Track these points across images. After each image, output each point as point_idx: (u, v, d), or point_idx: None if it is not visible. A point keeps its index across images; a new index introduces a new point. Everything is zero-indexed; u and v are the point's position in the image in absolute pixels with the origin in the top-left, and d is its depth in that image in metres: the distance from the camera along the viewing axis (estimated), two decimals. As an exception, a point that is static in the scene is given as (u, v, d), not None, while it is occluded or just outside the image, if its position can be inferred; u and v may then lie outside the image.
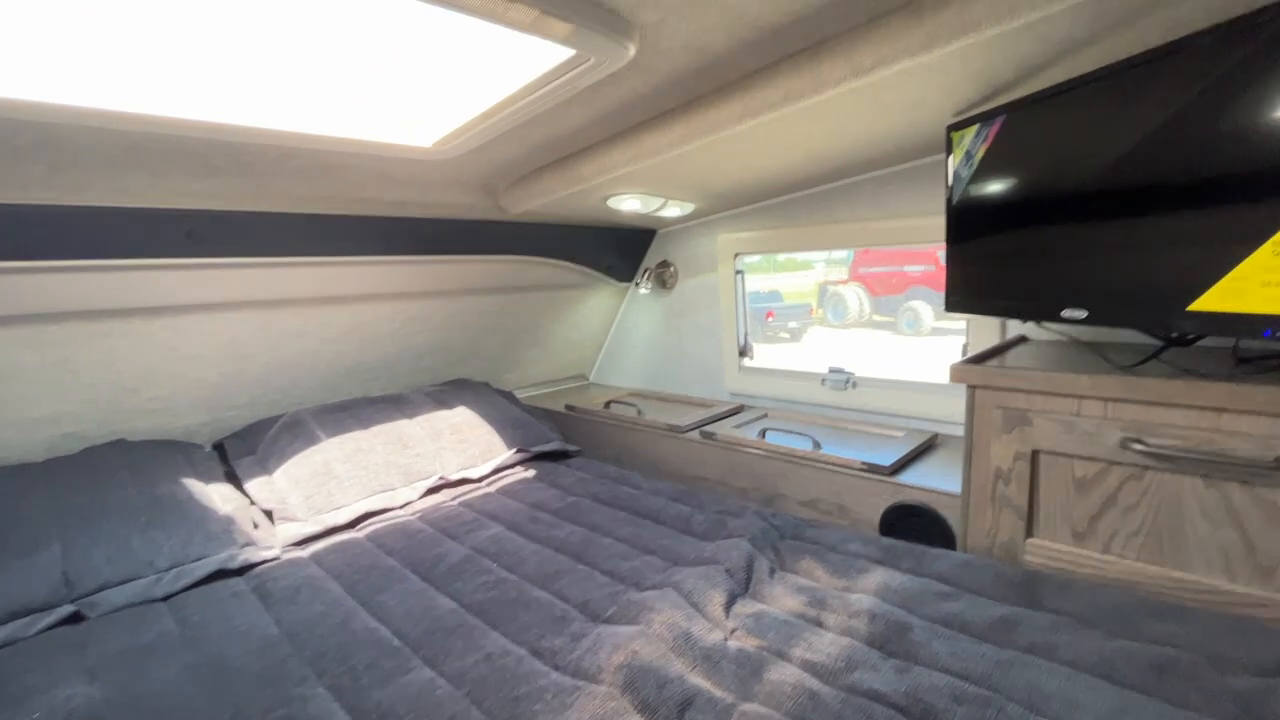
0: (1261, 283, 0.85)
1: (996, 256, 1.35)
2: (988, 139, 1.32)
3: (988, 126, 1.32)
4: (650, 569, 1.27)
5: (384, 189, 1.68)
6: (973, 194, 1.38)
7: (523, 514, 1.61)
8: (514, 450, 2.00)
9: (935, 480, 1.52)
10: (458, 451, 1.89)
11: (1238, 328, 0.90)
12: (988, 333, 1.73)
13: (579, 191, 1.79)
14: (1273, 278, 0.83)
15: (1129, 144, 1.04)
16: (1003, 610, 1.03)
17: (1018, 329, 1.68)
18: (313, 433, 1.76)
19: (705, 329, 2.56)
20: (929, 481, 1.51)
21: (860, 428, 1.98)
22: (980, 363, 1.31)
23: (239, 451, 1.79)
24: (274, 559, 1.41)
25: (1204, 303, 0.93)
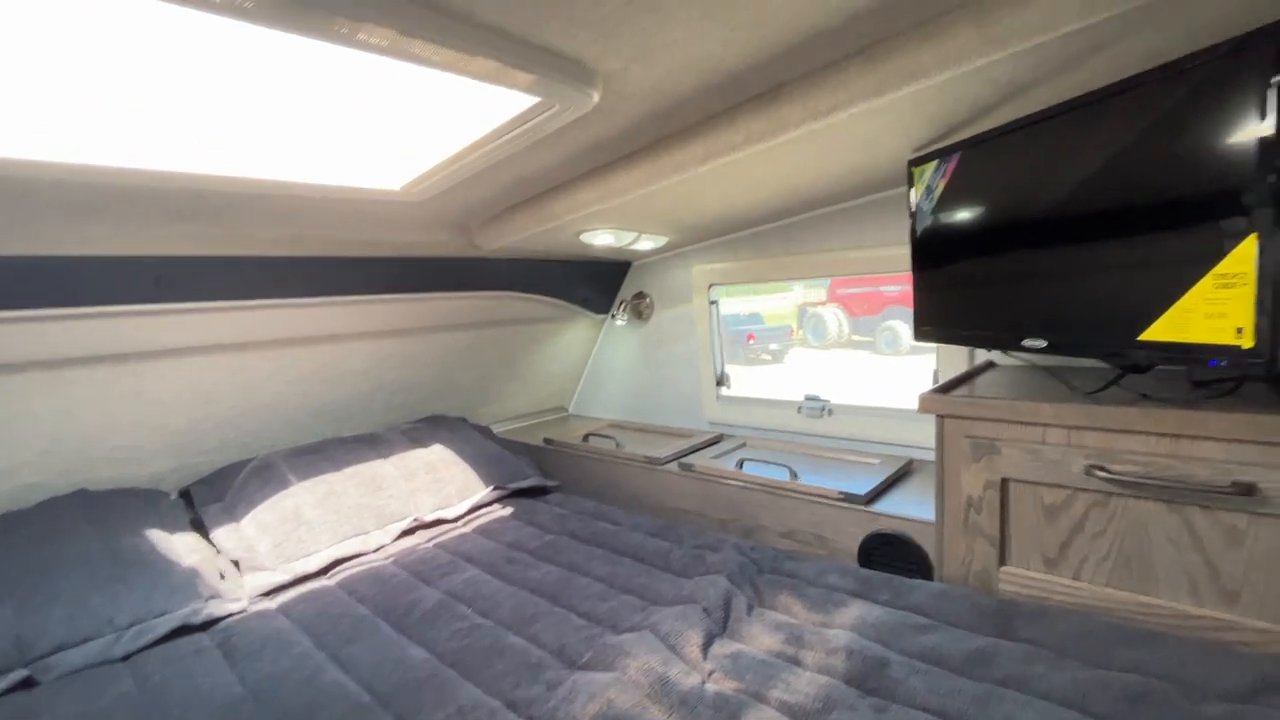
0: (1205, 314, 0.88)
1: (959, 287, 1.38)
2: (946, 174, 1.37)
3: (945, 162, 1.36)
4: (628, 609, 1.25)
5: (355, 230, 1.68)
6: (934, 227, 1.41)
7: (499, 555, 1.58)
8: (491, 488, 1.98)
9: (911, 508, 1.52)
10: (433, 491, 1.87)
11: (1186, 357, 0.92)
12: (957, 357, 1.76)
13: (551, 228, 1.81)
14: (1215, 309, 0.86)
15: (1077, 179, 1.08)
16: (979, 642, 1.03)
17: (986, 354, 1.71)
18: (283, 476, 1.72)
19: (683, 359, 2.57)
20: (905, 510, 1.52)
21: (837, 455, 1.99)
22: (948, 391, 1.33)
23: (206, 498, 1.75)
24: (240, 612, 1.36)
25: (1154, 332, 0.96)
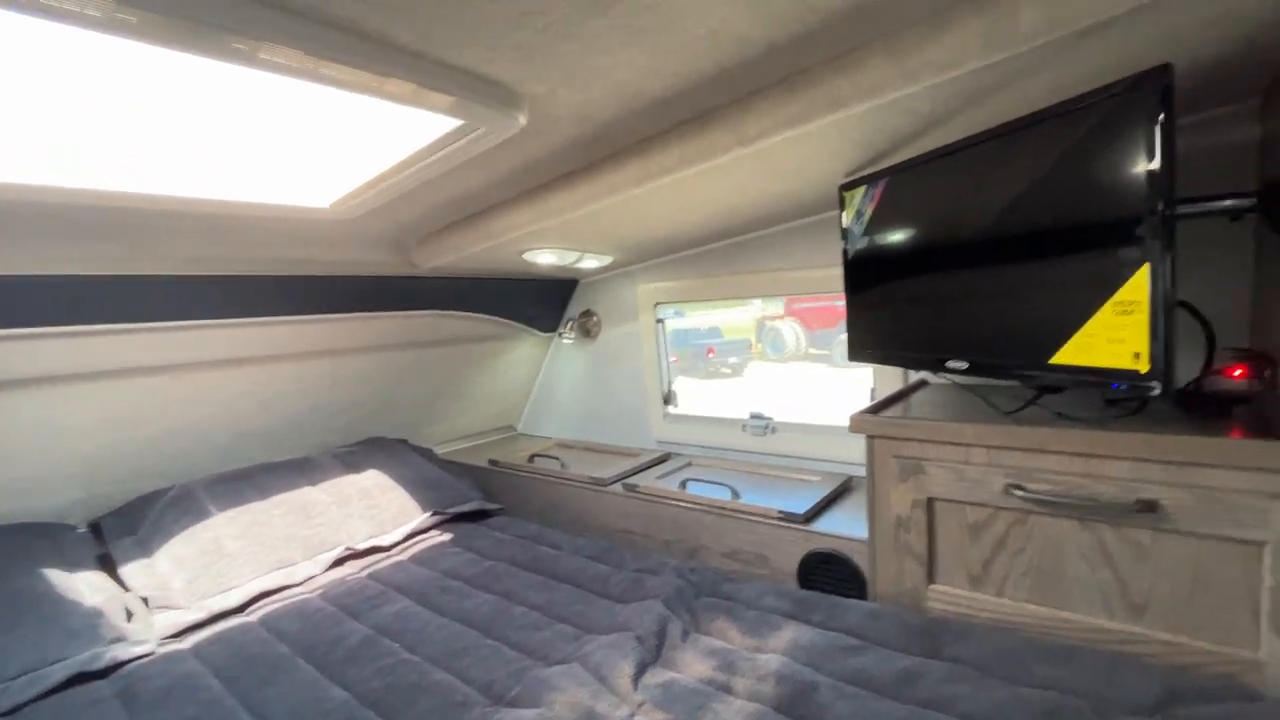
0: (1106, 339, 0.92)
1: (888, 309, 1.42)
2: (874, 199, 1.40)
3: (874, 187, 1.40)
4: (561, 639, 1.22)
5: (283, 248, 1.62)
6: (864, 250, 1.45)
7: (433, 584, 1.53)
8: (429, 513, 1.92)
9: (848, 527, 1.54)
10: (367, 518, 1.80)
11: (1092, 380, 0.96)
12: (893, 375, 1.80)
13: (491, 247, 1.78)
14: (1115, 334, 0.90)
15: (992, 206, 1.12)
16: (906, 662, 1.04)
17: (919, 373, 1.75)
18: (203, 506, 1.63)
19: (631, 377, 2.56)
20: (842, 528, 1.54)
21: (780, 474, 2.00)
22: (880, 410, 1.36)
23: (117, 531, 1.63)
24: (147, 655, 1.27)
25: (1063, 355, 1.00)
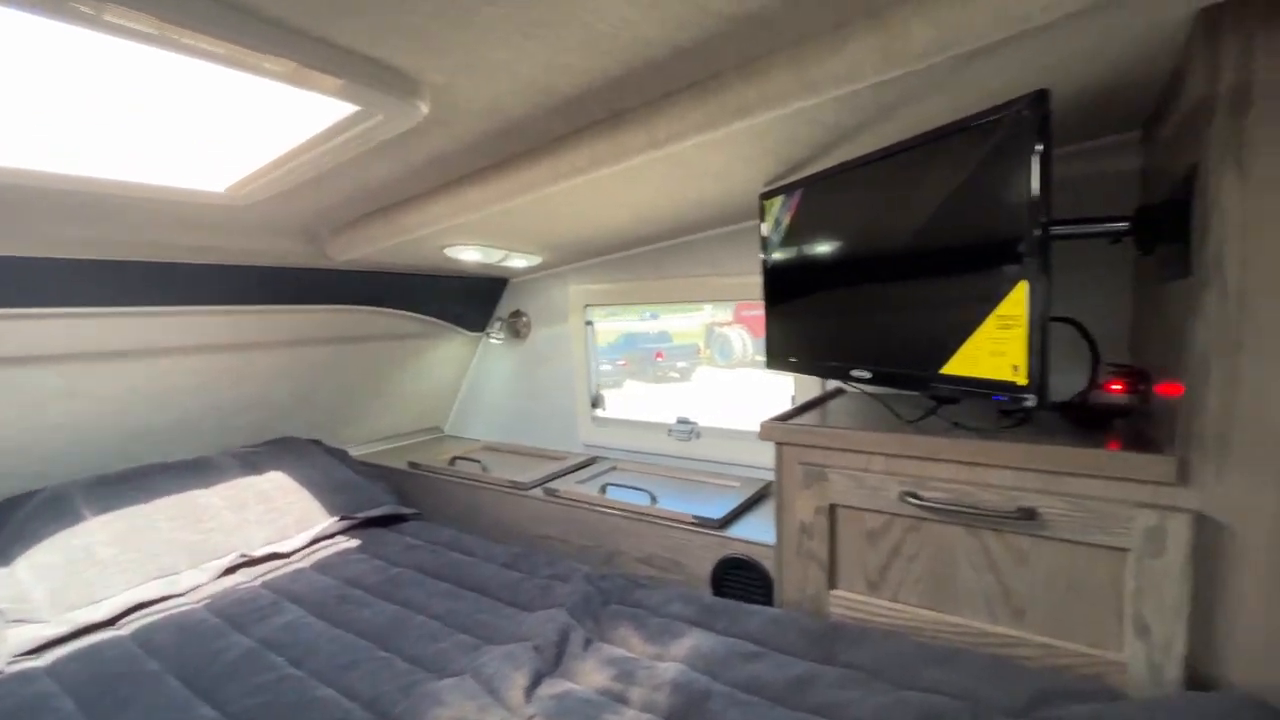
0: (990, 351, 0.95)
1: (802, 318, 1.44)
2: (791, 209, 1.42)
3: (790, 198, 1.42)
4: (459, 650, 1.18)
5: (180, 233, 1.52)
6: (781, 259, 1.47)
7: (332, 593, 1.45)
8: (337, 518, 1.83)
9: (762, 532, 1.55)
10: (266, 523, 1.70)
11: (978, 391, 0.99)
12: (813, 382, 1.83)
13: (410, 241, 1.72)
14: (998, 347, 0.94)
15: (892, 220, 1.15)
16: (801, 668, 1.05)
17: (835, 382, 1.79)
18: (76, 510, 1.50)
19: (560, 380, 2.53)
20: (755, 534, 1.55)
21: (701, 479, 2.01)
22: (792, 417, 1.38)
23: (-25, 538, 1.48)
24: (-7, 675, 1.16)
25: (952, 367, 1.03)
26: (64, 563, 1.38)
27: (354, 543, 1.77)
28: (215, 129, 1.05)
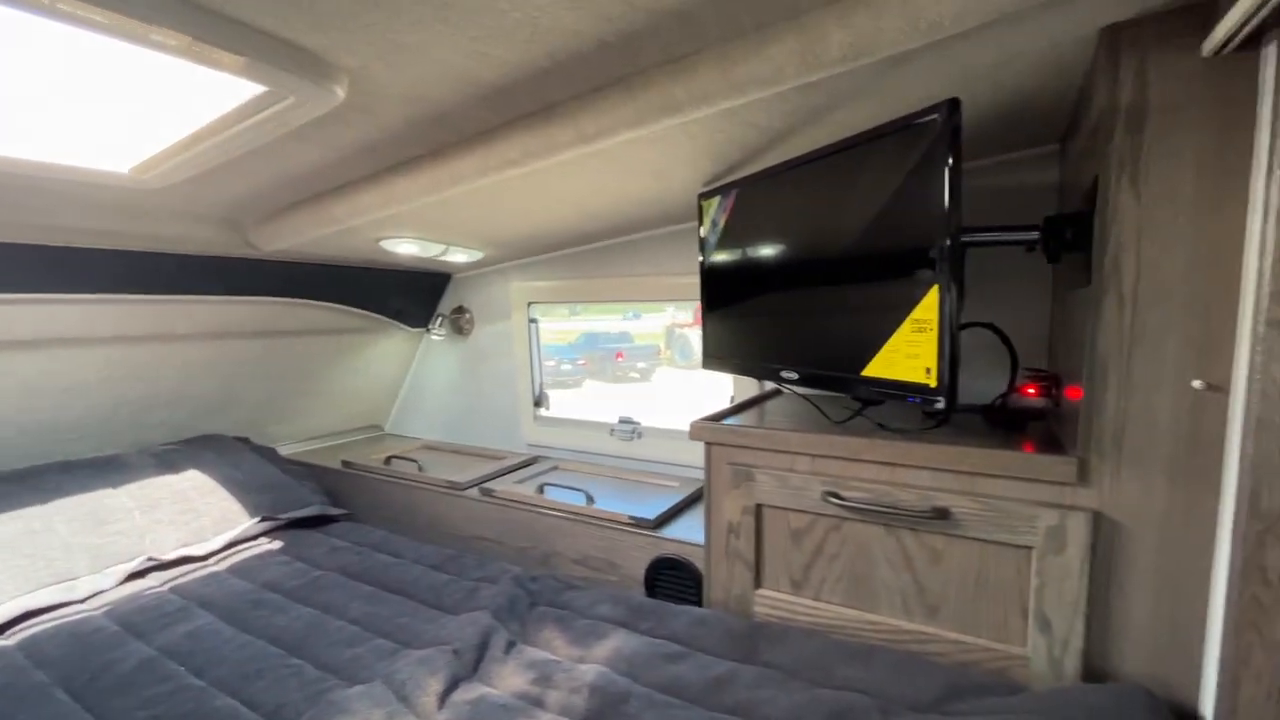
0: (905, 354, 0.97)
1: (736, 318, 1.45)
2: (727, 210, 1.42)
3: (726, 198, 1.42)
4: (375, 656, 1.14)
5: (83, 217, 1.42)
6: (716, 260, 1.47)
7: (246, 598, 1.38)
8: (258, 519, 1.75)
9: (694, 533, 1.55)
10: (179, 525, 1.61)
11: (894, 392, 1.01)
12: (752, 383, 1.84)
13: (342, 232, 1.66)
14: (912, 350, 0.95)
15: (817, 224, 1.17)
16: (721, 669, 1.05)
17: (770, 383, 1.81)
18: (-39, 512, 1.39)
19: (503, 378, 2.48)
20: (689, 534, 1.55)
21: (641, 479, 2.00)
22: (723, 418, 1.38)
23: None
24: None
25: (872, 369, 1.05)
26: (-56, 568, 1.28)
27: (275, 545, 1.69)
28: (117, 107, 0.99)
